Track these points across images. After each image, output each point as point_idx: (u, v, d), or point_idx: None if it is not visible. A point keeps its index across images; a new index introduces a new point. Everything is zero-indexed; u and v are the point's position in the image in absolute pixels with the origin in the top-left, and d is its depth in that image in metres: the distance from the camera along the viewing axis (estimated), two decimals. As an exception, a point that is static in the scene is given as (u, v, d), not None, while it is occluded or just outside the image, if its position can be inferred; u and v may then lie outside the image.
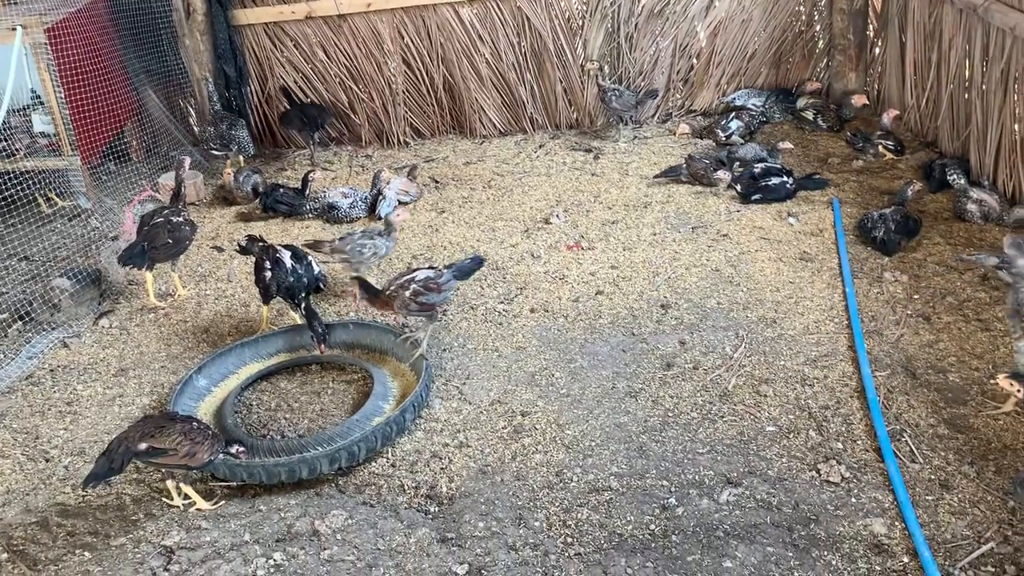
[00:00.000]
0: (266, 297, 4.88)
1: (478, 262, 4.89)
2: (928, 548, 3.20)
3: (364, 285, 4.59)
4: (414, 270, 4.67)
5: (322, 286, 4.90)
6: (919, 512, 3.40)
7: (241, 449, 3.80)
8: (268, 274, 4.78)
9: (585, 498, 3.66)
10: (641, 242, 5.86)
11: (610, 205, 6.46)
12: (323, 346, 4.60)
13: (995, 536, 3.27)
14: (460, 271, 4.75)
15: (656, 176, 6.77)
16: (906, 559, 3.21)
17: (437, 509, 3.68)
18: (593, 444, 3.99)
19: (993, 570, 3.14)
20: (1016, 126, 5.66)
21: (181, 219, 5.43)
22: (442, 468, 3.91)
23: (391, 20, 7.70)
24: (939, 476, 3.60)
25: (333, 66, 7.89)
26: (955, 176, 5.96)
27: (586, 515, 3.56)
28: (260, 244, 4.99)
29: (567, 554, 3.39)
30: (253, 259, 5.04)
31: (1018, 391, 3.12)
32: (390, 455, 4.03)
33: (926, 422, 3.91)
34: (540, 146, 7.75)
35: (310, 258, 4.88)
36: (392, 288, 4.53)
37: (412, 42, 7.77)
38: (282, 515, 3.71)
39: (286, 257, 4.80)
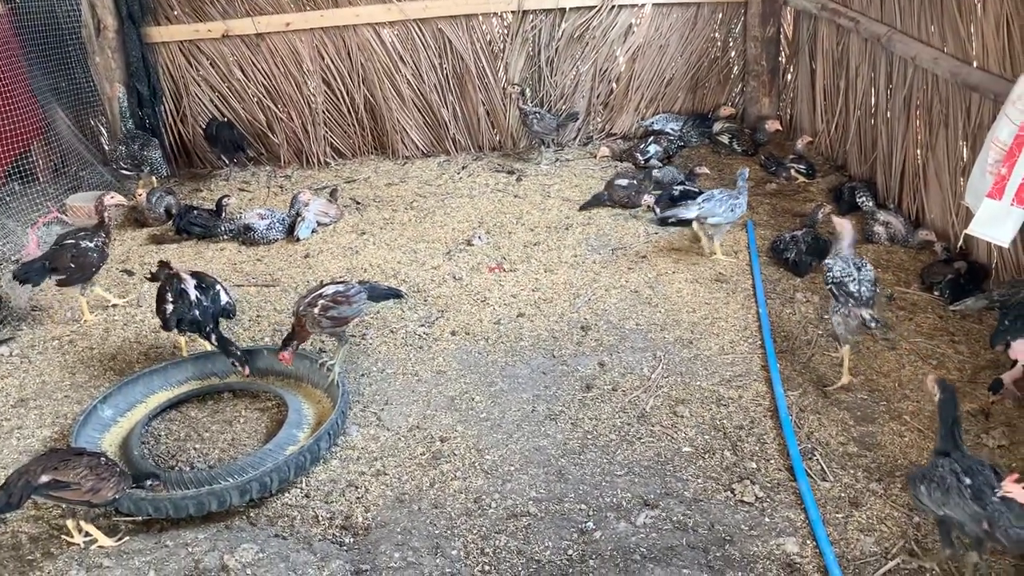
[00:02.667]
0: (166, 328, 4.70)
1: (396, 293, 4.90)
2: (838, 566, 3.25)
3: (285, 343, 4.46)
4: (323, 285, 4.57)
5: (231, 315, 4.75)
6: (830, 530, 3.46)
7: (157, 483, 3.65)
8: (169, 307, 4.59)
9: (503, 524, 3.61)
10: (562, 264, 5.88)
11: (532, 227, 6.49)
12: (245, 368, 4.48)
13: (901, 551, 3.35)
14: (373, 291, 4.69)
15: (581, 208, 6.77)
16: (817, 577, 3.26)
17: (352, 540, 3.59)
18: (512, 469, 3.95)
19: (899, 585, 3.22)
20: (918, 151, 5.90)
21: (91, 245, 5.23)
22: (358, 497, 3.82)
23: (310, 40, 7.62)
24: (848, 494, 3.67)
25: (251, 85, 7.76)
26: (864, 199, 6.19)
27: (504, 542, 3.52)
28: (167, 271, 4.80)
29: (484, 582, 3.34)
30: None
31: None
32: (304, 485, 3.92)
33: (836, 440, 4.00)
34: (463, 167, 7.75)
35: (218, 287, 4.72)
36: (301, 307, 4.43)
37: (332, 62, 7.71)
38: (190, 550, 3.56)
39: (190, 287, 4.62)
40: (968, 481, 3.02)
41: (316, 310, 4.38)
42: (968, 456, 3.14)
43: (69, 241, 5.22)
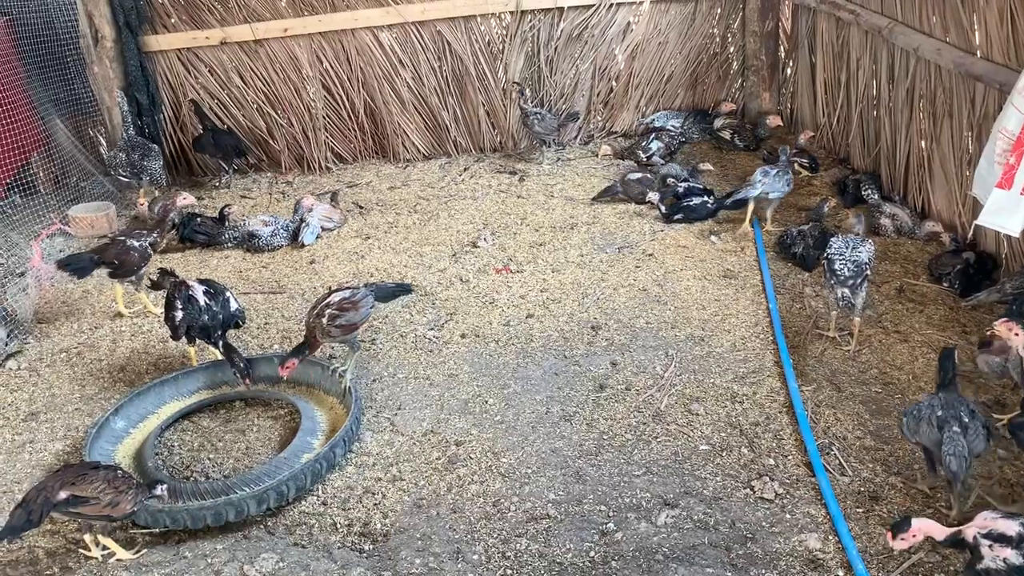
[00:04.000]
0: (175, 336, 4.67)
1: (404, 289, 4.87)
2: (862, 561, 3.24)
3: (295, 353, 4.41)
4: (330, 293, 4.53)
5: (240, 322, 4.72)
6: (851, 525, 3.45)
7: (164, 486, 3.63)
8: (179, 314, 4.56)
9: (523, 528, 3.60)
10: (569, 263, 5.87)
11: (537, 227, 6.47)
12: (247, 380, 4.45)
13: (924, 546, 3.34)
14: (381, 291, 4.68)
15: (593, 199, 6.81)
16: (841, 573, 3.25)
17: (372, 547, 3.57)
18: (529, 471, 3.94)
19: (923, 579, 3.21)
20: (922, 143, 5.89)
21: (136, 244, 5.35)
22: (375, 504, 3.81)
23: (309, 45, 7.60)
24: (868, 488, 3.67)
25: (250, 92, 7.74)
26: (869, 191, 6.19)
27: (525, 545, 3.50)
28: (172, 279, 4.79)
29: (507, 586, 3.33)
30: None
31: (1016, 334, 3.46)
32: (321, 493, 3.90)
33: (853, 434, 3.99)
34: (465, 169, 7.74)
35: (228, 294, 4.70)
36: (311, 318, 4.41)
37: (331, 67, 7.69)
38: (209, 561, 3.54)
39: (199, 293, 4.60)
40: (940, 413, 3.39)
41: (324, 320, 4.36)
42: (955, 396, 3.46)
43: (120, 238, 5.42)
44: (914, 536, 2.92)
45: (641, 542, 3.46)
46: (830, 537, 3.41)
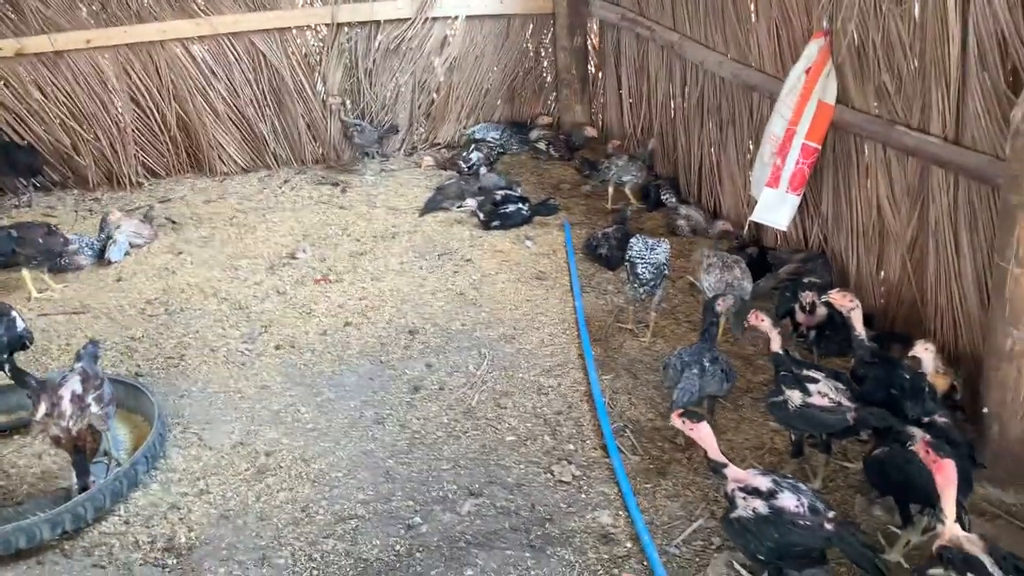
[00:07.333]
0: None
1: (94, 343, 4.34)
2: (647, 532, 3.50)
3: (84, 473, 3.79)
4: (53, 390, 3.87)
5: (28, 343, 4.50)
6: (640, 500, 3.72)
7: None
8: None
9: (331, 529, 3.65)
10: (389, 271, 5.95)
11: (358, 237, 6.52)
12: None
13: (703, 513, 3.64)
14: (86, 356, 4.18)
15: (422, 213, 6.88)
16: (629, 544, 3.49)
17: (175, 561, 3.51)
18: (340, 475, 3.99)
19: (702, 543, 3.50)
20: (712, 149, 6.38)
21: (44, 230, 5.77)
22: (180, 518, 3.74)
23: (115, 57, 7.31)
24: (656, 465, 3.95)
25: (51, 106, 7.35)
26: (667, 196, 6.63)
27: (332, 545, 3.55)
28: None
29: (313, 587, 3.36)
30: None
31: (690, 429, 3.26)
32: (123, 511, 3.80)
33: (645, 417, 4.29)
34: (285, 181, 7.67)
35: (13, 314, 4.47)
36: (72, 423, 3.76)
37: (140, 79, 7.43)
38: (-4, 592, 3.38)
39: None
40: (685, 359, 3.94)
41: (95, 408, 3.88)
42: (706, 347, 3.97)
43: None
44: (691, 429, 3.22)
45: (445, 532, 3.59)
46: (620, 512, 3.66)
